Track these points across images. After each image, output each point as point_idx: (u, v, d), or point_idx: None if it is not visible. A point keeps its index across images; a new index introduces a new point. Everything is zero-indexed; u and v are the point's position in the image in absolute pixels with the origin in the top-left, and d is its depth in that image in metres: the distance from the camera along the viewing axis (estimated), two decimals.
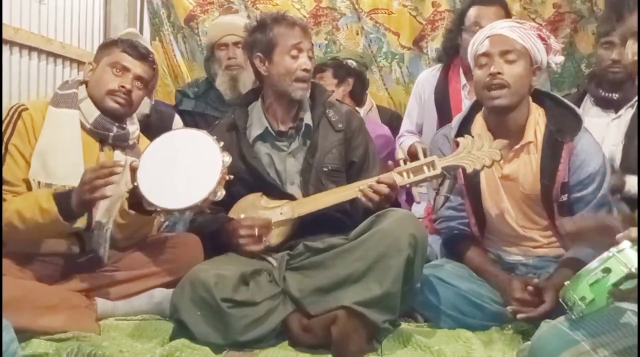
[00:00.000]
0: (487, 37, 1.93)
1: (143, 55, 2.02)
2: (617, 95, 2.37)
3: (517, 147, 1.96)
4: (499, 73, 1.87)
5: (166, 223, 2.49)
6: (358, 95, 2.97)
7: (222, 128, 2.11)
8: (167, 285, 1.96)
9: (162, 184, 1.78)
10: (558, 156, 1.92)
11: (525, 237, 2.02)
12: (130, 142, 2.04)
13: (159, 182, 1.78)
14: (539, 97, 2.01)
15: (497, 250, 2.07)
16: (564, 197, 1.93)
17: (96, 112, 1.97)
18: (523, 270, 2.04)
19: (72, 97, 1.98)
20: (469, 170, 1.81)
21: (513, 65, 1.89)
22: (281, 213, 1.95)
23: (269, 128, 2.04)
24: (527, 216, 2.00)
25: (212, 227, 2.02)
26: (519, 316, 1.78)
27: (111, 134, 1.98)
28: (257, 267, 1.87)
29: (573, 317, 1.29)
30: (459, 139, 1.86)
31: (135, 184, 1.77)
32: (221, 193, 1.78)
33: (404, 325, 1.89)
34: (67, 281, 1.92)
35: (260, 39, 2.03)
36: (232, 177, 1.83)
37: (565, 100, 2.05)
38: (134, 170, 1.80)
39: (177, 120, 2.73)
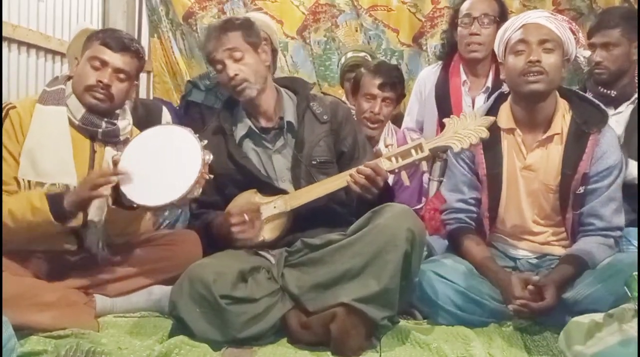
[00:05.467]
0: (523, 24, 1.94)
1: (123, 47, 1.94)
2: (614, 93, 2.39)
3: (543, 137, 1.98)
4: (539, 61, 1.88)
5: (166, 221, 2.50)
6: None
7: (209, 132, 2.10)
8: (166, 282, 1.96)
9: (141, 180, 1.78)
10: (583, 147, 1.94)
11: (536, 232, 2.03)
12: (122, 138, 2.01)
13: (138, 179, 1.78)
14: (565, 93, 2.03)
15: (504, 244, 2.08)
16: (581, 189, 1.95)
17: (83, 108, 1.94)
18: (526, 266, 2.04)
19: (59, 93, 1.95)
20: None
21: (550, 54, 1.91)
22: (275, 207, 1.95)
23: (252, 127, 2.05)
24: (542, 211, 2.01)
25: (206, 220, 2.03)
26: (514, 307, 1.79)
27: (100, 130, 1.95)
28: (256, 264, 1.87)
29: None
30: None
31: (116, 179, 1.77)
32: (198, 191, 1.78)
33: (402, 322, 1.89)
34: (65, 278, 1.92)
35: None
36: (212, 176, 1.83)
37: (590, 97, 2.08)
38: (115, 165, 1.80)
39: (166, 112, 2.74)
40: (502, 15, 2.62)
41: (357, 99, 2.63)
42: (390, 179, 2.08)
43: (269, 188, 2.00)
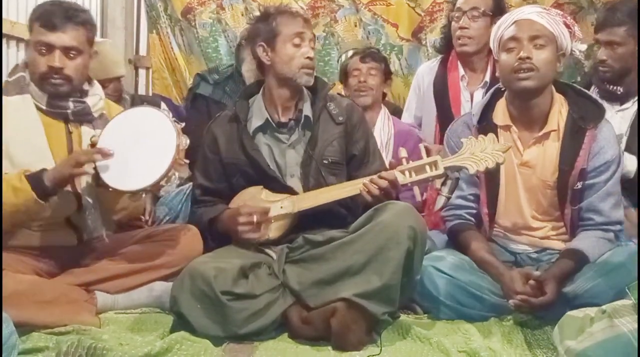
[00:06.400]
0: (515, 21, 1.94)
1: (64, 22, 1.81)
2: (620, 90, 2.37)
3: (539, 134, 1.97)
4: (529, 57, 1.88)
5: (167, 218, 2.50)
6: (384, 98, 2.94)
7: (224, 120, 2.11)
8: (167, 277, 1.97)
9: (118, 162, 1.77)
10: (580, 142, 1.93)
11: (535, 228, 2.03)
12: (96, 114, 1.95)
13: (115, 160, 1.77)
14: (561, 87, 2.03)
15: (504, 239, 2.08)
16: (579, 185, 1.94)
17: (45, 94, 1.87)
18: (526, 260, 2.04)
19: (20, 81, 1.89)
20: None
21: (541, 50, 1.90)
22: (282, 207, 1.95)
23: (270, 119, 2.04)
24: (540, 206, 2.01)
25: (210, 214, 2.03)
26: (515, 302, 1.80)
27: (69, 111, 1.89)
28: (257, 260, 1.87)
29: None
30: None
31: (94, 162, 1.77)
32: (175, 177, 1.80)
33: (403, 317, 1.89)
34: (66, 274, 1.92)
35: (263, 28, 2.04)
36: (187, 161, 1.84)
37: (587, 92, 2.07)
38: (93, 146, 1.79)
39: (164, 108, 2.77)
40: (496, 9, 2.62)
41: (347, 82, 2.80)
42: None
43: (276, 184, 2.00)
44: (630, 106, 2.37)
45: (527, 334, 1.80)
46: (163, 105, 2.88)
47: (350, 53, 3.09)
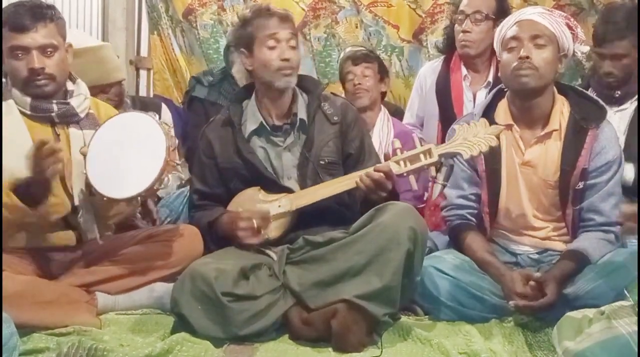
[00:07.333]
0: (517, 21, 1.95)
1: (32, 22, 1.79)
2: (619, 93, 2.38)
3: (541, 134, 1.98)
4: (528, 57, 1.89)
5: (168, 219, 2.50)
6: (383, 97, 2.96)
7: (218, 124, 2.10)
8: (167, 278, 1.97)
9: (109, 170, 1.77)
10: (582, 142, 1.94)
11: (536, 227, 2.03)
12: (82, 115, 1.93)
13: (106, 169, 1.77)
14: (563, 89, 2.03)
15: (505, 240, 2.08)
16: (581, 185, 1.95)
17: (28, 98, 1.85)
18: (527, 261, 2.04)
19: (3, 87, 1.88)
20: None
21: (542, 50, 1.91)
22: (279, 206, 1.95)
23: (264, 123, 2.04)
24: (542, 206, 2.01)
25: (209, 218, 2.03)
26: (516, 303, 1.79)
27: (53, 113, 1.87)
28: (257, 261, 1.87)
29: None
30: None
31: (84, 171, 1.77)
32: (169, 180, 1.79)
33: (404, 318, 1.89)
34: (67, 275, 1.92)
35: (242, 34, 2.04)
36: (179, 163, 1.84)
37: (588, 93, 2.08)
38: (84, 156, 1.78)
39: (165, 109, 2.76)
40: (500, 12, 2.62)
41: (345, 86, 2.81)
42: None
43: (274, 186, 2.00)
44: (629, 106, 2.38)
45: (528, 336, 1.80)
46: (164, 107, 2.87)
47: (343, 55, 3.11)
